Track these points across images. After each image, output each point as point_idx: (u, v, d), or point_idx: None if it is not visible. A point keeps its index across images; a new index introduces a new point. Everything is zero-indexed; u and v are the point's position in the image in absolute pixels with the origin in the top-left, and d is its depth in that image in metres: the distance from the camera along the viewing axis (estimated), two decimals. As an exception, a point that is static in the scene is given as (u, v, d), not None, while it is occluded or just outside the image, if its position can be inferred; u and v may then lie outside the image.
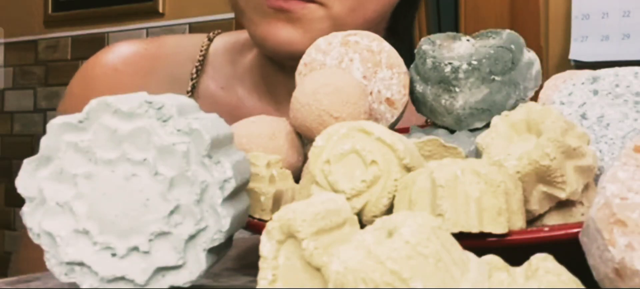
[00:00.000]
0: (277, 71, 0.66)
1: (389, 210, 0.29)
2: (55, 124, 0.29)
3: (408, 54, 0.46)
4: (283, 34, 0.58)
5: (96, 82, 0.69)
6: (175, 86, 0.68)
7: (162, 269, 0.28)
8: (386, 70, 0.40)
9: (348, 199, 0.28)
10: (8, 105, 2.36)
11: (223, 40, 0.72)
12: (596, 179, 0.32)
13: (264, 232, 0.22)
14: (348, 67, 0.41)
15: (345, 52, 0.41)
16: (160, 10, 2.03)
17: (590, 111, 0.36)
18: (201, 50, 0.70)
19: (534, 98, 0.42)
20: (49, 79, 2.26)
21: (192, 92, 0.68)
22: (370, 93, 0.40)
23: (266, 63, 0.66)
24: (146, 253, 0.28)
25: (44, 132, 0.29)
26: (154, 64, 0.70)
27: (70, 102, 0.69)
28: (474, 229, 0.26)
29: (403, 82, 0.41)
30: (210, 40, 0.72)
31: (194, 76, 0.69)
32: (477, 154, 0.33)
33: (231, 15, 0.68)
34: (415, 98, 0.42)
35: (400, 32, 0.71)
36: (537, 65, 0.42)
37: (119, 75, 0.69)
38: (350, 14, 0.58)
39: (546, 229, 0.28)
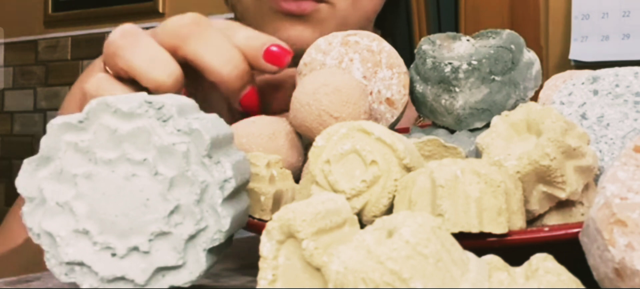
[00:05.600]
0: None
1: (389, 210, 0.29)
2: (55, 124, 0.29)
3: (408, 54, 0.47)
4: (293, 33, 0.60)
5: None
6: None
7: (162, 269, 0.28)
8: (386, 70, 0.40)
9: (348, 199, 0.28)
10: (8, 105, 2.36)
11: None
12: (596, 179, 0.32)
13: (264, 232, 0.22)
14: (348, 67, 0.40)
15: (345, 52, 0.41)
16: (160, 10, 2.03)
17: (590, 111, 0.36)
18: None
19: (534, 98, 0.42)
20: (49, 79, 2.26)
21: None
22: (370, 93, 0.40)
23: None
24: (146, 253, 0.28)
25: (44, 132, 0.29)
26: None
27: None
28: (474, 229, 0.26)
29: (403, 82, 0.41)
30: None
31: None
32: (477, 154, 0.33)
33: (230, 15, 0.69)
34: (415, 98, 0.42)
35: (387, 29, 0.73)
36: (537, 65, 0.42)
37: None
38: (352, 11, 0.61)
39: (546, 229, 0.28)
